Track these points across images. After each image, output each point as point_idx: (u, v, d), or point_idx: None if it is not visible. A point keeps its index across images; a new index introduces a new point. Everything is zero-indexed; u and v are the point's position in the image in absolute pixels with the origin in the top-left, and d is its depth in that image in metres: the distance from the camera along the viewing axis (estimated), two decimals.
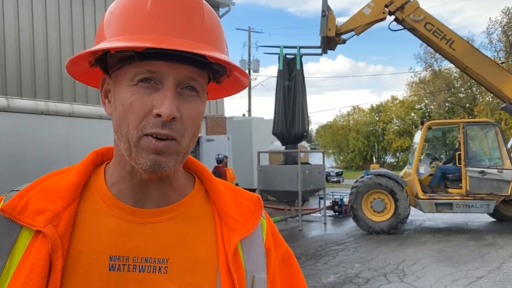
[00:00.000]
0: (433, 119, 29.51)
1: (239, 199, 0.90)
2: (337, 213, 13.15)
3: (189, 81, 0.77)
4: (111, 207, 0.81)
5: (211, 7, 0.83)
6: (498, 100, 13.64)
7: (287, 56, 11.30)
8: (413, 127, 11.65)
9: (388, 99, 45.12)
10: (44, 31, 10.93)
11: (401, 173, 11.46)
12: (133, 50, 0.74)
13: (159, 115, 0.74)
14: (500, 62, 25.44)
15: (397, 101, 42.87)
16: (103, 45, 0.75)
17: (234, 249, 0.81)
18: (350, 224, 11.36)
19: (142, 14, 0.75)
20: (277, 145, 13.37)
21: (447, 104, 35.46)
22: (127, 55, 0.75)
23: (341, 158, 46.32)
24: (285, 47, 11.33)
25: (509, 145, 10.60)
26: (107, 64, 0.81)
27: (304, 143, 16.15)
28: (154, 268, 0.77)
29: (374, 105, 45.45)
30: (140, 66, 0.75)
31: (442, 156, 15.85)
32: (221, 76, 0.86)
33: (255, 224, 0.87)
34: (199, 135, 14.59)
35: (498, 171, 9.97)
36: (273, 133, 11.25)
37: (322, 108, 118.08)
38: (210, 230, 0.84)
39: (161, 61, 0.75)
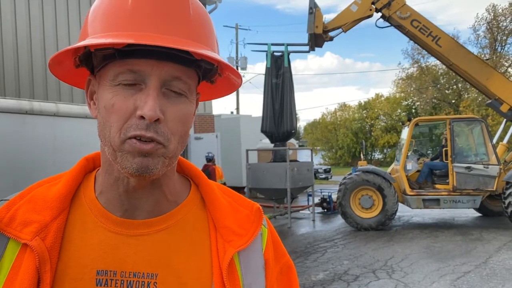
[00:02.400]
0: (420, 115, 29.80)
1: (238, 207, 0.84)
2: (325, 210, 13.20)
3: (175, 80, 0.73)
4: (99, 218, 0.77)
5: (199, 2, 0.79)
6: (484, 96, 13.80)
7: (275, 53, 11.28)
8: (400, 123, 11.77)
9: (373, 97, 45.44)
10: (28, 29, 10.75)
11: (389, 170, 11.54)
12: (113, 48, 0.70)
13: (142, 117, 0.69)
14: (485, 58, 25.74)
15: (383, 98, 43.19)
16: (82, 42, 0.72)
17: (229, 262, 0.76)
18: (338, 221, 11.41)
19: (124, 10, 0.71)
20: (266, 142, 13.36)
21: (433, 100, 35.81)
22: (108, 53, 0.71)
23: (329, 155, 46.51)
24: (272, 44, 11.30)
25: (494, 141, 10.74)
26: (93, 64, 0.77)
27: (292, 141, 16.16)
28: (143, 283, 0.74)
29: (362, 102, 45.73)
30: (122, 65, 0.71)
31: (429, 152, 16.00)
32: (213, 75, 0.82)
33: (254, 236, 0.81)
34: None
35: (484, 167, 10.09)
36: (262, 131, 11.24)
37: (311, 105, 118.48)
38: (204, 242, 0.79)
39: (144, 59, 0.70)
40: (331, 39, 11.13)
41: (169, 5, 0.72)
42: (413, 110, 38.55)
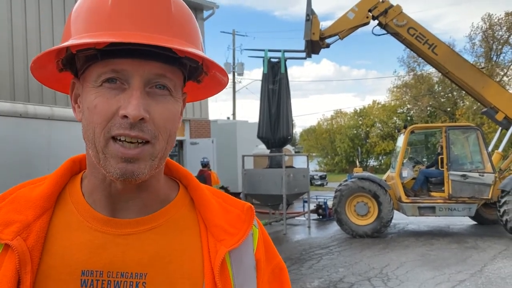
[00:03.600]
0: (415, 123, 29.89)
1: (228, 207, 0.84)
2: (321, 217, 13.18)
3: (159, 78, 0.72)
4: (85, 217, 0.75)
5: (181, 0, 0.78)
6: (479, 104, 13.87)
7: (272, 59, 11.31)
8: (396, 131, 11.85)
9: (370, 104, 45.55)
10: (24, 31, 10.72)
11: (384, 177, 11.54)
12: (95, 48, 0.69)
13: (125, 117, 0.68)
14: (480, 67, 25.92)
15: (379, 105, 43.33)
16: (62, 44, 0.71)
17: (221, 262, 0.75)
18: (334, 228, 11.38)
19: (104, 10, 0.70)
20: (262, 148, 13.35)
21: (428, 108, 35.97)
22: (90, 54, 0.70)
23: (324, 161, 46.52)
24: (269, 50, 11.34)
25: (490, 149, 10.77)
26: (77, 67, 0.75)
27: (288, 147, 16.15)
28: (131, 283, 0.72)
29: (357, 109, 45.84)
30: (104, 66, 0.70)
31: (424, 159, 16.03)
32: (199, 74, 0.81)
33: (245, 235, 0.80)
34: (183, 138, 14.53)
35: (480, 175, 10.10)
36: (258, 137, 11.24)
37: (307, 112, 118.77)
38: (194, 241, 0.78)
39: (126, 59, 0.70)
40: (328, 46, 11.17)
41: (150, 3, 0.71)
42: (409, 118, 38.68)
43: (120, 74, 0.70)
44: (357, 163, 16.00)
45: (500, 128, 11.24)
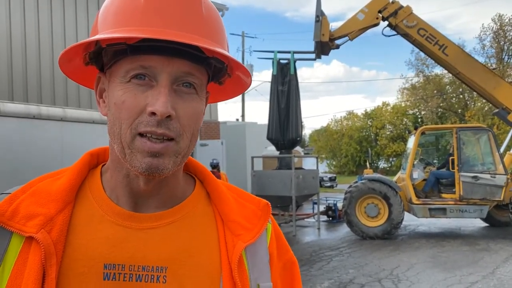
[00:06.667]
0: (426, 124, 29.68)
1: (244, 202, 0.85)
2: (330, 218, 13.14)
3: (186, 77, 0.73)
4: (106, 211, 0.76)
5: (210, 2, 0.79)
6: (490, 105, 13.75)
7: (281, 61, 11.30)
8: (407, 132, 11.80)
9: (379, 105, 45.34)
10: (37, 34, 10.86)
11: (395, 178, 11.48)
12: (125, 43, 0.71)
13: (153, 113, 0.69)
14: (492, 68, 25.69)
15: (389, 107, 43.12)
16: (95, 37, 0.72)
17: (239, 256, 0.76)
18: (344, 229, 11.34)
19: (136, 7, 0.72)
20: (271, 150, 13.35)
21: (439, 110, 35.72)
22: (120, 49, 0.72)
23: (334, 163, 46.38)
24: (279, 52, 11.33)
25: (501, 150, 10.67)
26: (103, 62, 0.77)
27: (298, 148, 16.14)
28: (152, 277, 0.73)
29: (368, 111, 45.65)
30: (133, 61, 0.72)
31: (435, 161, 15.93)
32: (222, 76, 0.82)
33: (261, 231, 0.81)
34: None
35: (491, 176, 10.02)
36: (268, 138, 11.24)
37: (317, 113, 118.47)
38: (212, 236, 0.79)
39: (155, 55, 0.71)
40: (338, 47, 11.14)
41: (182, 2, 0.73)
42: (419, 120, 38.44)
43: (149, 70, 0.71)
44: (368, 165, 15.94)
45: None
